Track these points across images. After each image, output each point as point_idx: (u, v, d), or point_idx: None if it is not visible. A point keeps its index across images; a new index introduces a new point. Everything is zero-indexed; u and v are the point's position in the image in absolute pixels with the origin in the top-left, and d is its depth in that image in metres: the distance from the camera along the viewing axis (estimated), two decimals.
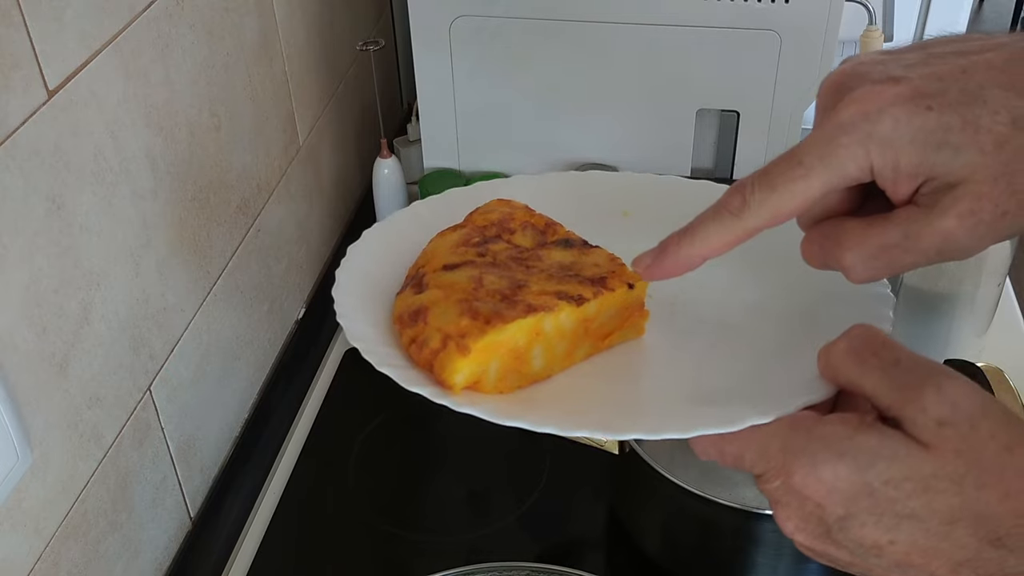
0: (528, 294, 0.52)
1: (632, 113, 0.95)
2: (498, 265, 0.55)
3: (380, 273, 0.58)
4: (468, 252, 0.56)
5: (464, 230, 0.59)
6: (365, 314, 0.55)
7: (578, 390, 0.52)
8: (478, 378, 0.50)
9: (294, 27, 0.91)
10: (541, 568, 0.71)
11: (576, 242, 0.57)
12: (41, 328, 0.58)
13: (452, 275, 0.54)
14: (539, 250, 0.57)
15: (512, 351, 0.50)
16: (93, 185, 0.62)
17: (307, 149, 0.97)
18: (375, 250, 0.60)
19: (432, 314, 0.52)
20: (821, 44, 0.88)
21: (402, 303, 0.55)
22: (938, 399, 0.39)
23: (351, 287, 0.57)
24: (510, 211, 0.60)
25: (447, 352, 0.50)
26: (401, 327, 0.54)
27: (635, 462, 0.71)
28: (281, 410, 0.92)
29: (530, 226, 0.59)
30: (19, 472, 0.56)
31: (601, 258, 0.56)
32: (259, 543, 0.81)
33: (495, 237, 0.58)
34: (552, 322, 0.51)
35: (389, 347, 0.54)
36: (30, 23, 0.54)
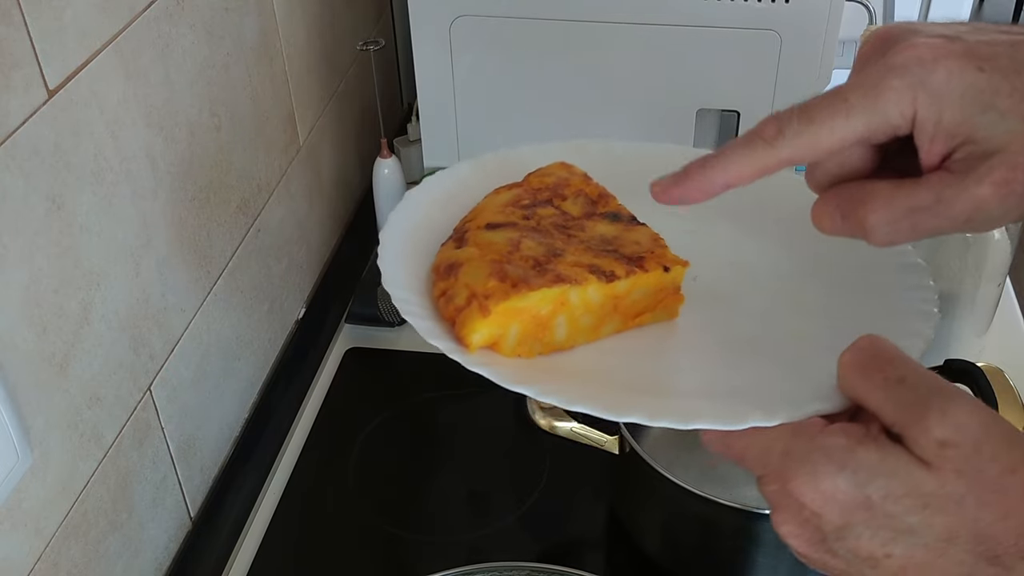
0: (561, 264, 0.51)
1: (632, 113, 0.95)
2: (540, 231, 0.54)
3: (433, 221, 0.57)
4: (514, 213, 0.56)
5: (518, 190, 0.58)
6: (406, 261, 0.55)
7: (593, 365, 0.51)
8: (497, 340, 0.50)
9: (294, 27, 0.91)
10: (541, 568, 0.71)
11: (624, 216, 0.56)
12: (41, 328, 0.58)
13: (492, 234, 0.54)
14: (585, 220, 0.56)
15: (534, 318, 0.50)
16: (93, 185, 0.62)
17: (307, 149, 0.97)
18: (432, 197, 0.59)
19: (464, 270, 0.51)
20: (821, 44, 0.88)
21: (441, 255, 0.54)
22: (942, 420, 0.38)
23: (398, 231, 0.56)
24: (567, 176, 0.59)
25: (469, 310, 0.49)
26: (436, 278, 0.53)
27: (635, 462, 0.71)
28: (281, 410, 0.92)
29: (583, 194, 0.58)
30: (19, 472, 0.56)
31: (644, 236, 0.54)
32: (259, 543, 0.81)
33: (545, 201, 0.57)
34: (579, 295, 0.50)
35: (419, 297, 0.53)
36: (30, 23, 0.54)
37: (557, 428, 0.75)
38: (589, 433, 0.75)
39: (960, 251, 0.85)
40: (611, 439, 0.74)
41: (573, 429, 0.75)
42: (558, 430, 0.75)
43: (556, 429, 0.75)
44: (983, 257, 0.85)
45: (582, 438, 0.75)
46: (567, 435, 0.75)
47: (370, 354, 1.00)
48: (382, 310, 1.00)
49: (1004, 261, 0.87)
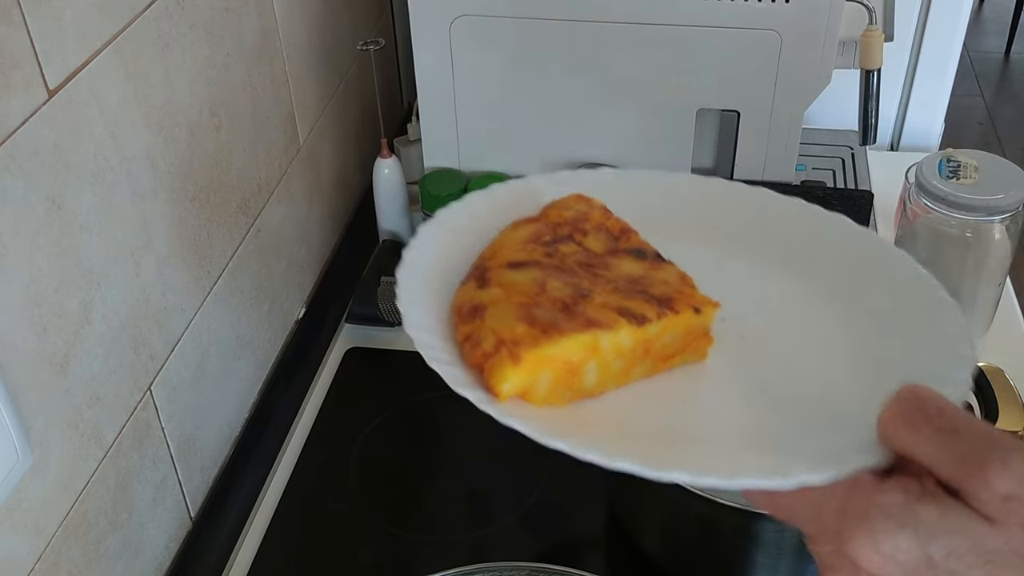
0: (589, 306, 0.49)
1: (632, 113, 0.95)
2: (565, 269, 0.53)
3: (449, 257, 0.55)
4: (536, 251, 0.54)
5: (537, 225, 0.56)
6: (425, 300, 0.53)
7: (627, 415, 0.49)
8: (527, 388, 0.48)
9: (294, 27, 0.91)
10: (541, 568, 0.71)
11: (648, 253, 0.55)
12: (41, 328, 0.58)
13: (516, 274, 0.52)
14: (609, 257, 0.54)
15: (565, 364, 0.48)
16: (93, 185, 0.62)
17: (307, 149, 0.97)
18: (446, 233, 0.57)
19: (490, 314, 0.50)
20: (821, 44, 0.88)
21: (462, 295, 0.53)
22: (1003, 473, 0.37)
23: (416, 269, 0.54)
24: (587, 210, 0.57)
25: (498, 358, 0.48)
26: (459, 320, 0.52)
27: None
28: (281, 410, 0.92)
29: (604, 229, 0.56)
30: (19, 472, 0.56)
31: (672, 275, 0.53)
32: (259, 543, 0.81)
33: (566, 237, 0.55)
34: (610, 340, 0.48)
35: (442, 340, 0.52)
36: (30, 23, 0.54)
37: None
38: None
39: (960, 251, 0.85)
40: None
41: None
42: None
43: None
44: (983, 257, 0.85)
45: None
46: None
47: (370, 354, 1.00)
48: (382, 310, 1.00)
49: (1004, 261, 0.87)
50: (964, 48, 1.30)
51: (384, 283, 1.03)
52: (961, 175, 0.84)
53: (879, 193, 0.95)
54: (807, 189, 0.98)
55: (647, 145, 0.97)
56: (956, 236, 0.85)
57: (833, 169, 1.12)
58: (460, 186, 0.99)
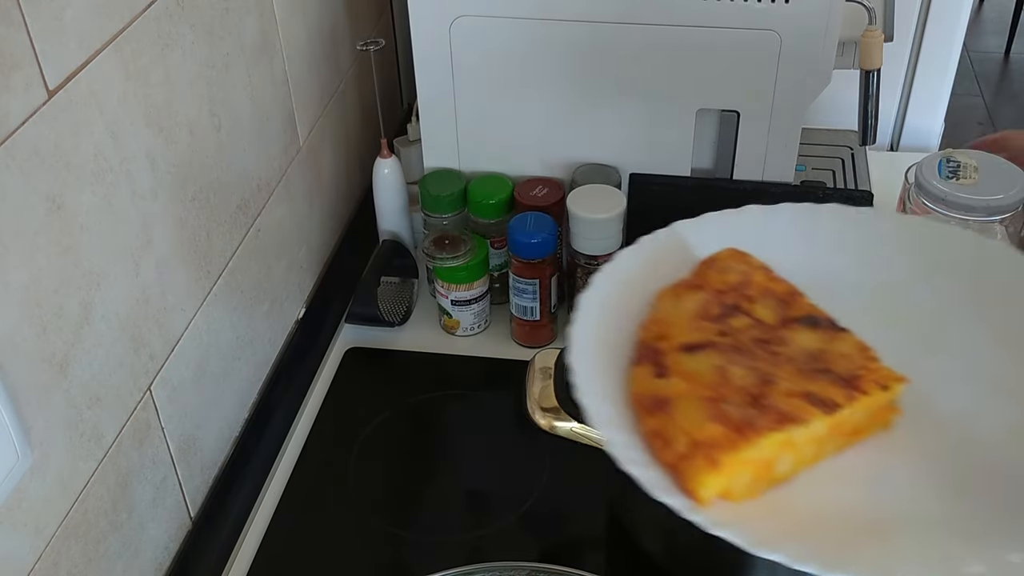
0: (777, 395, 0.48)
1: (632, 113, 0.95)
2: (742, 350, 0.51)
3: (613, 330, 0.54)
4: (709, 329, 0.52)
5: (701, 295, 0.54)
6: (602, 385, 0.51)
7: (828, 505, 0.48)
8: (726, 489, 0.47)
9: (294, 27, 0.91)
10: (541, 568, 0.71)
11: (822, 321, 0.53)
12: (41, 328, 0.58)
13: (695, 361, 0.50)
14: (783, 330, 0.53)
15: (762, 461, 0.47)
16: (93, 185, 0.62)
17: (307, 149, 0.97)
18: (605, 304, 0.55)
19: (677, 410, 0.48)
20: (821, 44, 0.88)
21: (642, 383, 0.51)
22: None
23: (586, 351, 0.52)
24: (747, 271, 0.56)
25: (696, 463, 0.47)
26: (641, 412, 0.50)
27: None
28: (281, 410, 0.92)
29: (771, 295, 0.55)
30: (19, 472, 0.56)
31: (851, 347, 0.51)
32: (259, 543, 0.81)
33: (734, 307, 0.54)
34: (803, 432, 0.48)
35: (628, 434, 0.50)
36: (30, 23, 0.54)
37: (557, 428, 0.75)
38: (589, 433, 0.75)
39: None
40: None
41: (573, 429, 0.75)
42: (558, 430, 0.75)
43: (556, 429, 0.75)
44: None
45: (582, 438, 0.75)
46: (567, 435, 0.75)
47: (370, 354, 1.00)
48: (382, 310, 1.00)
49: None
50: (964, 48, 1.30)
51: (384, 283, 1.03)
52: (961, 175, 0.84)
53: (879, 193, 0.95)
54: (807, 189, 0.98)
55: (647, 145, 0.97)
56: None
57: (833, 169, 1.12)
58: (460, 186, 0.99)
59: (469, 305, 0.99)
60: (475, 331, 1.01)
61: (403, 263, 1.05)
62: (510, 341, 1.00)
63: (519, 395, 0.77)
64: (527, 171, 1.00)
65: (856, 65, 0.92)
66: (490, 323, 1.02)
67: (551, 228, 0.93)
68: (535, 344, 0.98)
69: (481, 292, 0.99)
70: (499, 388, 0.93)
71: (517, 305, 0.97)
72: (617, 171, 0.98)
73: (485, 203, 0.98)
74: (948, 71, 1.23)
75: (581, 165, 0.99)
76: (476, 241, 0.97)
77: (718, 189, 0.95)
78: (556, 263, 0.96)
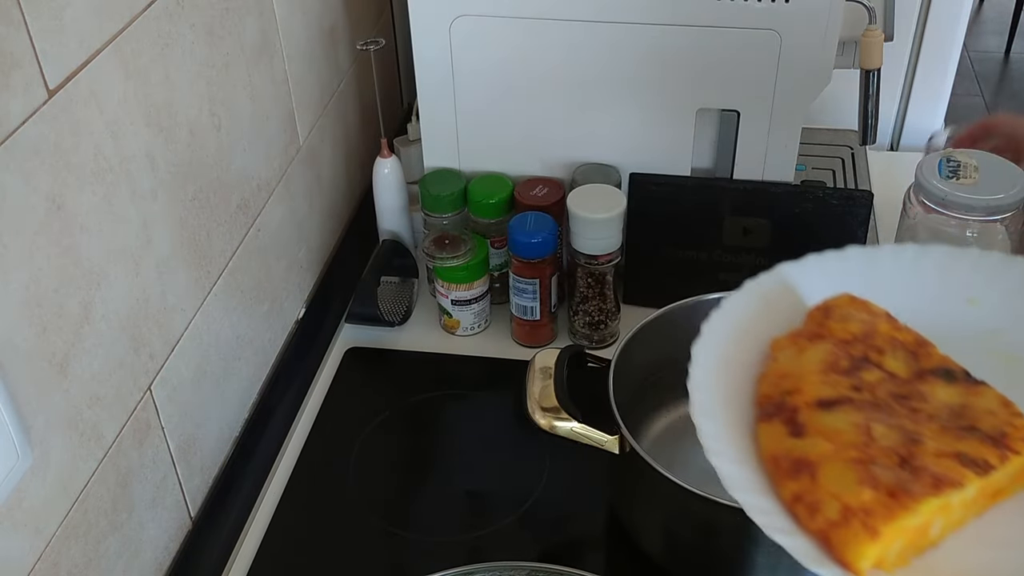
0: (925, 455, 0.46)
1: (632, 113, 0.95)
2: (880, 406, 0.49)
3: (733, 384, 0.52)
4: (841, 383, 0.51)
5: (826, 346, 0.53)
6: (732, 446, 0.49)
7: (972, 566, 0.47)
8: (881, 558, 0.46)
9: (294, 27, 0.91)
10: (541, 568, 0.71)
11: (958, 374, 0.51)
12: (41, 328, 0.58)
13: (833, 419, 0.48)
14: (919, 384, 0.51)
15: (918, 527, 0.46)
16: (93, 185, 0.62)
17: (307, 149, 0.97)
18: (719, 353, 0.53)
19: (823, 474, 0.46)
20: (821, 44, 0.88)
21: (776, 443, 0.49)
22: None
23: (709, 409, 0.50)
24: (870, 319, 0.54)
25: (851, 532, 0.45)
26: (778, 475, 0.48)
27: (635, 462, 0.71)
28: (281, 410, 0.92)
29: (900, 345, 0.53)
30: (19, 472, 0.56)
31: (993, 402, 0.50)
32: (259, 543, 0.81)
33: (863, 359, 0.52)
34: (959, 496, 0.46)
35: (768, 499, 0.48)
36: (30, 23, 0.54)
37: (557, 428, 0.75)
38: (589, 433, 0.75)
39: None
40: (611, 439, 0.74)
41: (573, 429, 0.75)
42: (558, 430, 0.75)
43: (556, 429, 0.75)
44: None
45: (582, 438, 0.75)
46: (567, 435, 0.75)
47: (370, 354, 1.00)
48: (382, 310, 1.00)
49: None
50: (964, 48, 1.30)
51: (384, 283, 1.03)
52: (961, 175, 0.84)
53: (879, 193, 0.95)
54: (807, 189, 0.98)
55: (647, 145, 0.97)
56: (956, 236, 0.85)
57: (833, 169, 1.12)
58: (460, 186, 0.99)
59: (469, 305, 0.99)
60: (475, 331, 1.01)
61: (403, 263, 1.05)
62: (510, 341, 1.00)
63: (519, 395, 0.77)
64: (527, 171, 1.00)
65: (856, 65, 0.92)
66: (490, 323, 1.02)
67: (551, 228, 0.93)
68: (535, 344, 0.98)
69: (481, 292, 0.99)
70: (499, 388, 0.93)
71: (517, 305, 0.97)
72: (617, 171, 0.98)
73: (485, 203, 0.98)
74: (948, 71, 1.23)
75: (581, 165, 0.99)
76: (476, 241, 0.97)
77: (718, 189, 0.95)
78: (556, 263, 0.96)
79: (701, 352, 0.54)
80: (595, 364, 0.83)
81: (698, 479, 0.68)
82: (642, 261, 0.99)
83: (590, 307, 0.96)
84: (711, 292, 0.83)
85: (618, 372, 0.76)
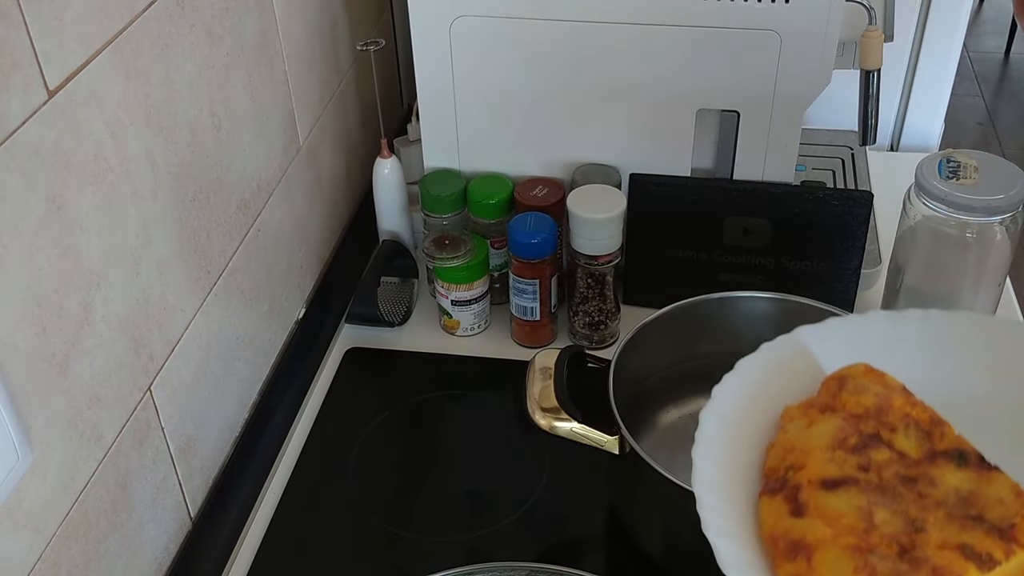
0: (929, 547, 0.45)
1: (632, 113, 0.95)
2: (886, 489, 0.48)
3: (739, 451, 0.51)
4: (848, 462, 0.49)
5: (836, 420, 0.51)
6: (733, 522, 0.48)
7: None
8: None
9: (294, 27, 0.91)
10: (541, 568, 0.71)
11: (971, 457, 0.50)
12: (41, 328, 0.58)
13: (836, 500, 0.47)
14: (929, 467, 0.49)
15: None
16: (93, 185, 0.62)
17: (307, 149, 0.97)
18: (727, 420, 0.52)
19: (820, 559, 0.45)
20: (821, 44, 0.88)
21: (777, 521, 0.48)
22: None
23: (712, 481, 0.49)
24: (885, 393, 0.52)
25: None
26: (777, 555, 0.48)
27: (635, 462, 0.71)
28: (281, 410, 0.92)
29: (913, 423, 0.51)
30: (19, 472, 0.56)
31: (1004, 490, 0.48)
32: (259, 543, 0.81)
33: (874, 436, 0.51)
34: None
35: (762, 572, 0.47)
36: (30, 23, 0.54)
37: (557, 428, 0.75)
38: (589, 433, 0.75)
39: (960, 252, 0.85)
40: (611, 439, 0.74)
41: (573, 429, 0.75)
42: (558, 430, 0.75)
43: (556, 429, 0.75)
44: (983, 258, 0.85)
45: (582, 438, 0.75)
46: (567, 435, 0.75)
47: (370, 354, 1.00)
48: (382, 310, 1.00)
49: (1004, 262, 0.87)
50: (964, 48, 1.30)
51: (384, 283, 1.03)
52: (961, 175, 0.84)
53: (879, 193, 0.95)
54: (807, 189, 0.98)
55: (647, 145, 0.97)
56: (956, 236, 0.85)
57: (833, 169, 1.12)
58: (460, 186, 0.99)
59: (469, 305, 0.99)
60: (475, 331, 1.01)
61: (403, 263, 1.05)
62: (510, 341, 1.00)
63: (519, 395, 0.77)
64: (527, 171, 1.00)
65: (856, 65, 0.92)
66: (490, 323, 1.02)
67: (551, 228, 0.93)
68: (535, 344, 0.98)
69: (481, 292, 0.99)
70: (499, 388, 0.93)
71: (517, 305, 0.97)
72: (617, 171, 0.98)
73: (485, 203, 0.98)
74: (948, 71, 1.23)
75: (581, 165, 0.99)
76: (476, 241, 0.97)
77: (718, 189, 0.95)
78: (556, 263, 0.96)
79: (709, 418, 0.52)
80: (595, 364, 0.83)
81: None
82: (642, 261, 0.99)
83: (590, 307, 0.96)
84: (711, 292, 0.83)
85: (618, 372, 0.76)
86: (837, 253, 0.94)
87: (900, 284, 0.90)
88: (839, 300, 0.91)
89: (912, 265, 0.89)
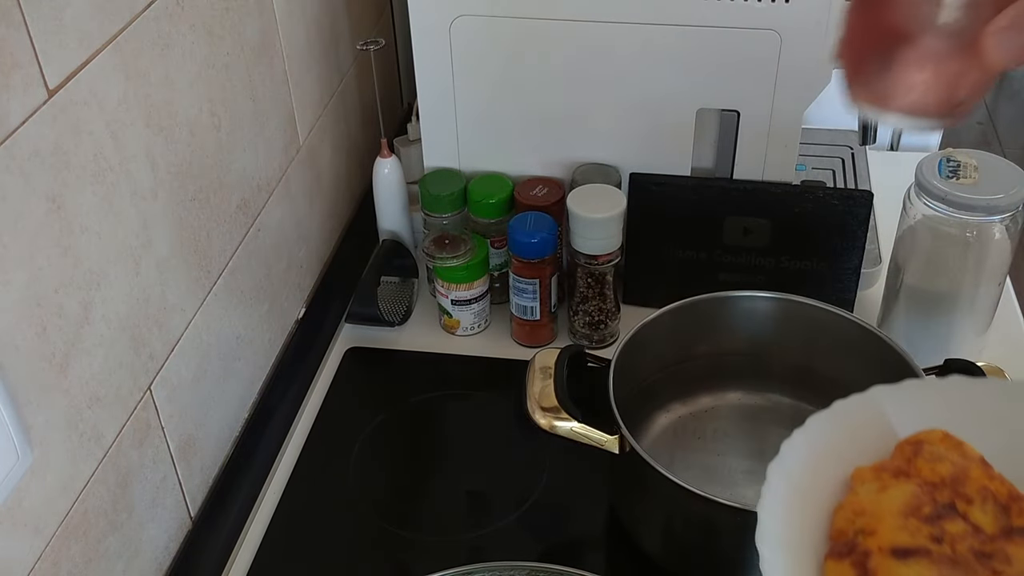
0: None
1: (632, 113, 0.95)
2: (959, 563, 0.47)
3: (806, 514, 0.50)
4: (921, 531, 0.48)
5: (910, 487, 0.50)
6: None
7: None
8: None
9: (294, 27, 0.91)
10: (541, 568, 0.71)
11: None
12: (41, 328, 0.58)
13: (907, 571, 0.46)
14: (1005, 543, 0.48)
15: None
16: (93, 185, 0.62)
17: (307, 149, 0.97)
18: (797, 474, 0.51)
19: None
20: (821, 44, 0.88)
21: None
22: None
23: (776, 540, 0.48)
24: (963, 463, 0.51)
25: None
26: None
27: (635, 462, 0.71)
28: (281, 410, 0.92)
29: (990, 496, 0.50)
30: (19, 472, 0.56)
31: None
32: (259, 543, 0.81)
33: (949, 506, 0.49)
34: None
35: None
36: (30, 23, 0.54)
37: (557, 428, 0.75)
38: (589, 433, 0.75)
39: (960, 251, 0.85)
40: (611, 439, 0.74)
41: (573, 429, 0.75)
42: (558, 430, 0.75)
43: (556, 429, 0.75)
44: (983, 257, 0.85)
45: (582, 438, 0.75)
46: (567, 435, 0.75)
47: (370, 354, 1.00)
48: (382, 310, 1.00)
49: (1004, 261, 0.87)
50: None
51: (384, 283, 1.03)
52: (961, 175, 0.84)
53: (879, 193, 0.95)
54: (807, 189, 0.98)
55: (647, 145, 0.97)
56: (956, 236, 0.85)
57: (833, 169, 1.12)
58: (460, 186, 0.99)
59: (469, 305, 0.99)
60: (475, 331, 1.01)
61: (403, 263, 1.05)
62: (510, 341, 1.00)
63: (519, 395, 0.77)
64: (527, 171, 1.00)
65: None
66: (490, 323, 1.02)
67: (551, 228, 0.93)
68: (535, 344, 0.98)
69: (481, 292, 0.99)
70: (499, 388, 0.93)
71: (517, 305, 0.97)
72: (617, 171, 0.98)
73: (485, 203, 0.98)
74: None
75: (581, 165, 0.99)
76: (476, 241, 0.97)
77: (718, 189, 0.95)
78: (556, 263, 0.96)
79: (776, 474, 0.51)
80: (595, 364, 0.83)
81: (698, 479, 0.68)
82: (642, 261, 0.99)
83: (590, 307, 0.96)
84: (711, 292, 0.83)
85: (618, 372, 0.76)
86: (837, 253, 0.94)
87: (900, 284, 0.90)
88: (839, 300, 0.91)
89: (912, 264, 0.89)
